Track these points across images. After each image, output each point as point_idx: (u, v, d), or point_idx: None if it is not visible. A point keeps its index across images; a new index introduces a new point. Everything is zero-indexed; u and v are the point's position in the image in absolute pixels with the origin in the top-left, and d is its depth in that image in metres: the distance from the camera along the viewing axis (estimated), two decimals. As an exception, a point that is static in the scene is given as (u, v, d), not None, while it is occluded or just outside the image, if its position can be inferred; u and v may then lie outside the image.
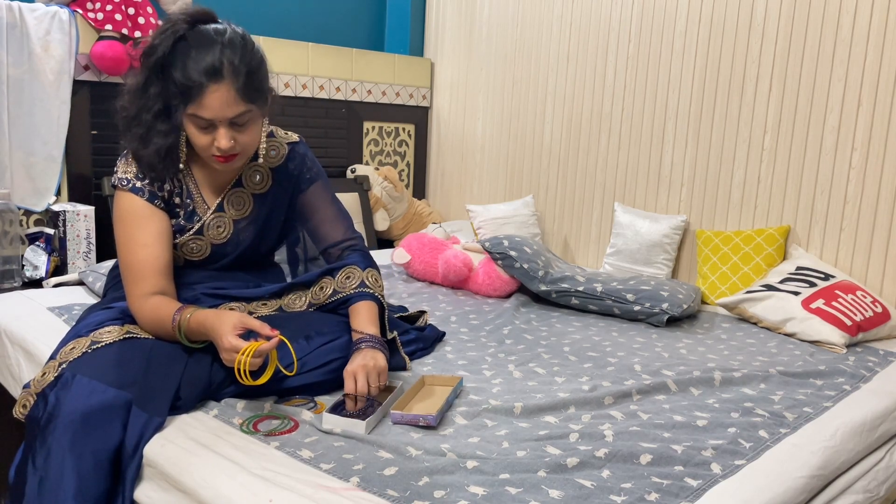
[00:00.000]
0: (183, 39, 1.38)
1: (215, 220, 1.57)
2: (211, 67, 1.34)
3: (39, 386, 1.32)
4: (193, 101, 1.35)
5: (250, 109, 1.41)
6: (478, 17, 3.42)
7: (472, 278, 2.52)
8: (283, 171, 1.64)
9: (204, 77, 1.34)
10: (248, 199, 1.61)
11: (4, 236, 2.22)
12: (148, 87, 1.41)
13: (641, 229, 2.72)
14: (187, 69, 1.34)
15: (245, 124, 1.42)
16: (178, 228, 1.54)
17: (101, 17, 2.47)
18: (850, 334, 2.03)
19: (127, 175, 1.49)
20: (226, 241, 1.59)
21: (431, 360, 1.75)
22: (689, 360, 1.85)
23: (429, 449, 1.25)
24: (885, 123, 2.26)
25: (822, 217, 2.41)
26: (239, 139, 1.42)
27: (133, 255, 1.45)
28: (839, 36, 2.33)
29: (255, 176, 1.61)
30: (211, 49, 1.35)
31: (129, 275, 1.46)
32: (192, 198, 1.55)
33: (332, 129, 3.31)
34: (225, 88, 1.35)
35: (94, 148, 2.58)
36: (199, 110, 1.36)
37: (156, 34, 1.39)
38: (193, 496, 1.15)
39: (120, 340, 1.39)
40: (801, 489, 1.26)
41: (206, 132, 1.40)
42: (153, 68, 1.39)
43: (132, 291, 1.45)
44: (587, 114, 3.03)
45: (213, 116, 1.37)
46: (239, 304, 1.58)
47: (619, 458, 1.25)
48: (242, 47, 1.39)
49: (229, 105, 1.36)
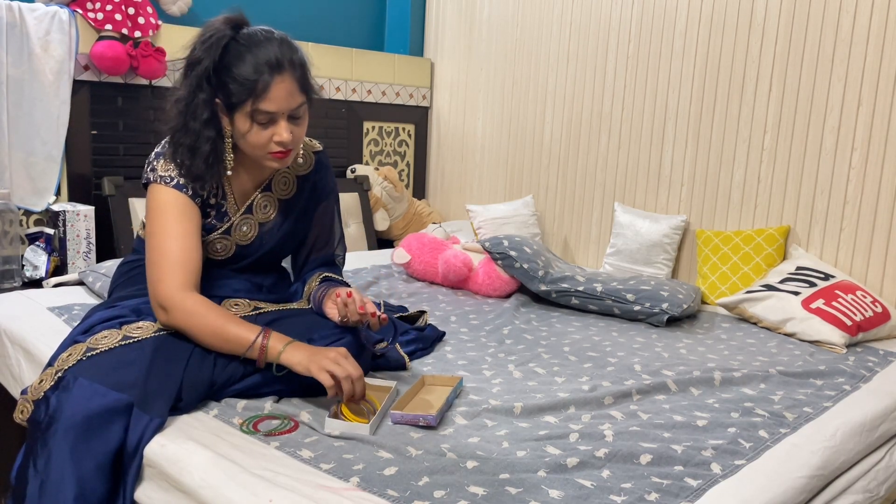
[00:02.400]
0: (234, 42, 1.42)
1: (243, 222, 1.60)
2: (274, 61, 1.40)
3: (37, 393, 1.32)
4: (259, 95, 1.39)
5: (305, 102, 1.47)
6: (478, 17, 3.42)
7: (472, 278, 2.52)
8: (308, 181, 1.68)
9: (268, 70, 1.39)
10: (274, 204, 1.63)
11: (4, 236, 2.22)
12: (196, 96, 1.43)
13: (641, 229, 2.72)
14: (249, 66, 1.39)
15: (301, 118, 1.48)
16: (209, 227, 1.57)
17: (101, 17, 2.47)
18: (850, 334, 2.03)
19: (170, 173, 1.49)
20: (250, 242, 1.62)
21: (431, 360, 1.76)
22: (689, 360, 1.85)
23: (429, 449, 1.25)
24: (885, 123, 2.26)
25: (822, 217, 2.41)
26: (295, 132, 1.47)
27: (173, 243, 1.45)
28: (839, 36, 2.33)
29: (282, 182, 1.64)
30: (269, 45, 1.41)
31: (163, 262, 1.44)
32: (225, 199, 1.58)
33: (332, 129, 3.31)
34: (288, 80, 1.41)
35: (93, 148, 2.58)
36: (265, 104, 1.40)
37: (197, 45, 1.42)
38: (193, 496, 1.15)
39: (117, 346, 1.38)
40: (801, 489, 1.26)
41: (265, 128, 1.43)
42: (202, 76, 1.41)
43: (168, 279, 1.43)
44: (587, 114, 3.03)
45: (278, 108, 1.41)
46: (241, 301, 1.58)
47: (619, 458, 1.25)
48: (292, 44, 1.46)
49: (293, 96, 1.42)
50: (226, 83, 1.41)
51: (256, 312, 1.56)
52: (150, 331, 1.43)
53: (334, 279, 1.66)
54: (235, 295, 1.59)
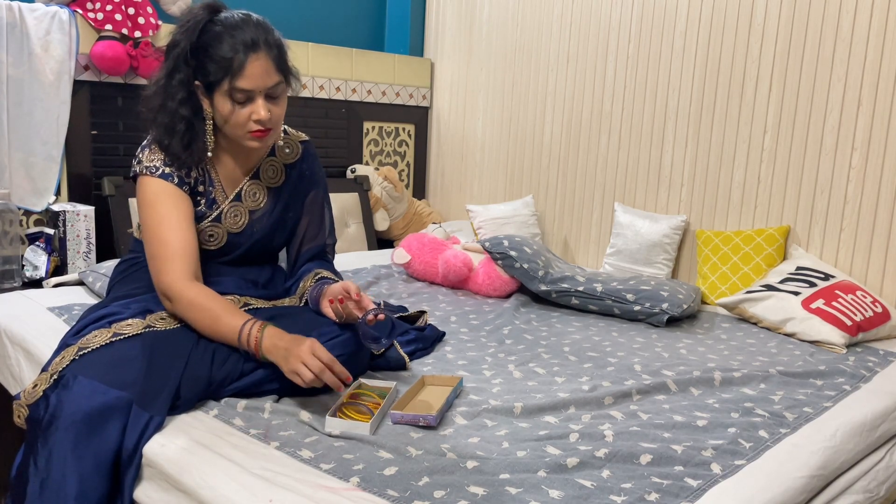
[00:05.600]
0: (211, 25, 1.46)
1: (233, 209, 1.63)
2: (249, 40, 1.44)
3: (31, 397, 1.32)
4: (235, 73, 1.44)
5: (282, 81, 1.50)
6: (478, 18, 3.42)
7: (472, 278, 2.52)
8: (297, 170, 1.71)
9: (243, 49, 1.43)
10: (263, 192, 1.66)
11: (4, 236, 2.22)
12: (173, 77, 1.49)
13: (641, 229, 2.72)
14: (225, 46, 1.44)
15: (279, 97, 1.51)
16: (200, 215, 1.59)
17: (101, 17, 2.47)
18: (850, 334, 2.03)
19: (155, 163, 1.53)
20: (241, 230, 1.64)
21: (431, 360, 1.76)
22: (689, 360, 1.85)
23: (429, 449, 1.25)
24: (885, 123, 2.26)
25: (822, 217, 2.41)
26: (274, 111, 1.50)
27: (171, 233, 1.49)
28: (839, 36, 2.33)
29: (270, 170, 1.68)
30: (245, 27, 1.46)
31: (164, 253, 1.48)
32: (213, 185, 1.61)
33: (332, 129, 3.31)
34: (264, 58, 1.45)
35: (93, 148, 2.58)
36: (241, 81, 1.44)
37: (177, 29, 1.48)
38: (193, 496, 1.15)
39: (108, 343, 1.38)
40: (801, 489, 1.26)
41: (243, 107, 1.47)
42: (179, 57, 1.47)
43: (169, 269, 1.46)
44: (587, 114, 3.03)
45: (255, 86, 1.45)
46: (233, 297, 1.58)
47: (619, 458, 1.25)
48: (268, 26, 1.51)
49: (268, 74, 1.46)
50: (204, 63, 1.46)
51: (247, 309, 1.57)
52: (139, 327, 1.43)
53: (329, 278, 1.66)
54: (228, 291, 1.59)
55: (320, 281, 1.64)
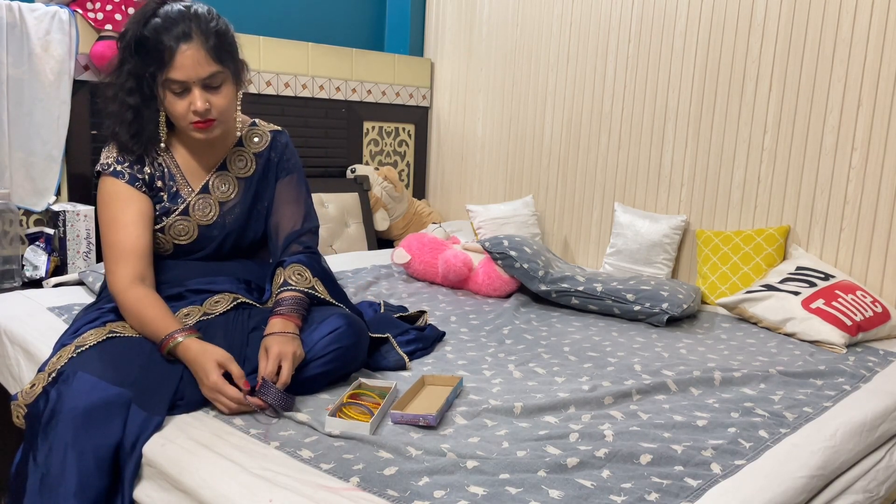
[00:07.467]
0: (154, 16, 1.47)
1: (201, 202, 1.62)
2: (181, 31, 1.44)
3: (28, 397, 1.32)
4: (167, 64, 1.44)
5: (222, 71, 1.49)
6: (478, 17, 3.42)
7: (472, 278, 2.52)
8: (264, 158, 1.70)
9: (174, 40, 1.44)
10: (234, 183, 1.66)
11: (4, 236, 2.22)
12: (122, 67, 1.50)
13: (641, 229, 2.72)
14: (161, 36, 1.44)
15: (219, 87, 1.50)
16: (164, 210, 1.59)
17: (100, 17, 2.47)
18: (850, 334, 2.03)
19: (108, 160, 1.56)
20: (212, 222, 1.63)
21: (431, 360, 1.76)
22: (689, 360, 1.85)
23: (429, 449, 1.25)
24: (885, 123, 2.26)
25: (822, 217, 2.41)
26: (214, 102, 1.49)
27: (114, 236, 1.50)
28: (839, 36, 2.33)
29: (238, 161, 1.67)
30: (181, 18, 1.46)
31: (110, 255, 1.50)
32: (174, 179, 1.60)
33: (332, 129, 3.31)
34: (195, 48, 1.45)
35: (93, 148, 2.58)
36: (173, 72, 1.44)
37: (128, 21, 1.50)
38: (193, 496, 1.15)
39: (104, 340, 1.39)
40: (801, 489, 1.26)
41: (181, 97, 1.48)
42: (126, 48, 1.48)
43: (114, 271, 1.49)
44: (587, 114, 3.03)
45: (186, 77, 1.45)
46: (223, 297, 1.58)
47: (619, 458, 1.25)
48: (208, 14, 1.50)
49: (200, 64, 1.45)
50: (145, 55, 1.46)
51: (237, 304, 1.56)
52: (132, 330, 1.45)
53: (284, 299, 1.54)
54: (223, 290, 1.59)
55: (278, 301, 1.54)
